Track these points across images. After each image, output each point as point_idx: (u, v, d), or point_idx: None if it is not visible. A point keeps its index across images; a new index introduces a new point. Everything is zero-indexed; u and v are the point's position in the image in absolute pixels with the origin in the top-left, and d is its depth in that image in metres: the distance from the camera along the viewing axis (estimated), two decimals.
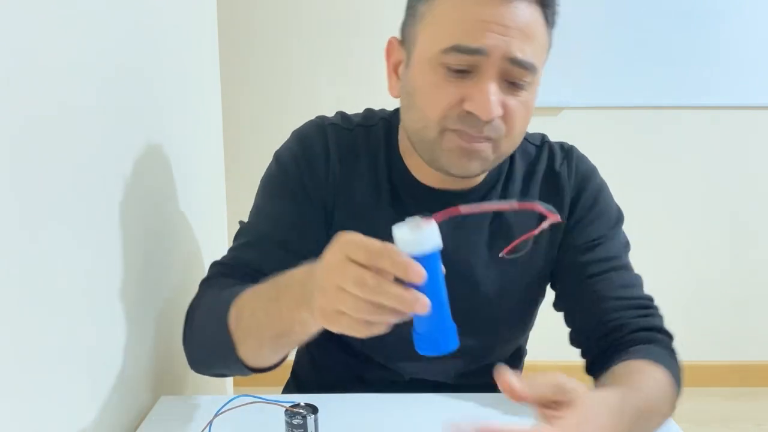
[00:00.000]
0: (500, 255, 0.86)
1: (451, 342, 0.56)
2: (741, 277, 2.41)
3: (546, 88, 0.92)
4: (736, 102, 2.29)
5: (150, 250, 1.00)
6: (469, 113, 0.75)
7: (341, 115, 0.93)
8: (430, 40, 0.77)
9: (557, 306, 0.94)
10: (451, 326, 0.56)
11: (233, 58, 2.11)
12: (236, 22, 2.16)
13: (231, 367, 0.77)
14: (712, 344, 2.46)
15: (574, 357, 0.95)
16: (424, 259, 0.54)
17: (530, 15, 0.75)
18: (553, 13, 0.79)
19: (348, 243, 0.57)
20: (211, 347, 0.79)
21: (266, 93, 2.24)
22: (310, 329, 0.67)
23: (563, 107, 2.27)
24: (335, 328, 0.59)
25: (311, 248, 0.84)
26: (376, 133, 0.91)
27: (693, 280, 2.41)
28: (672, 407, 0.80)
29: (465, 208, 0.61)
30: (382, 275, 0.54)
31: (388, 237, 0.86)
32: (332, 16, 2.21)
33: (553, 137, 0.96)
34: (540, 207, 0.66)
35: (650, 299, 0.89)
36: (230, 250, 0.90)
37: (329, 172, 0.88)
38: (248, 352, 0.75)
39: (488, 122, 0.75)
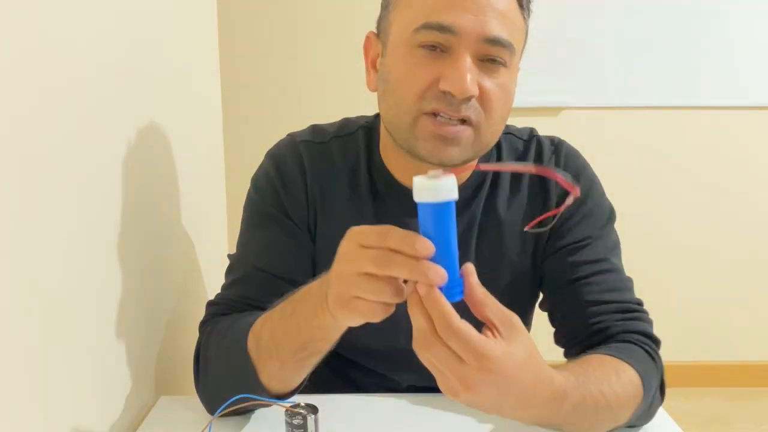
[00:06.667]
0: (525, 229, 0.86)
1: (456, 294, 0.57)
2: (741, 276, 2.41)
3: (546, 88, 0.92)
4: (736, 102, 2.29)
5: (150, 251, 1.00)
6: (444, 92, 0.74)
7: (313, 129, 0.92)
8: (403, 23, 0.77)
9: (542, 306, 0.92)
10: (458, 280, 0.58)
11: (233, 58, 2.11)
12: (236, 22, 2.16)
13: (253, 396, 0.75)
14: (712, 344, 2.46)
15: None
16: (438, 208, 0.55)
17: None
18: (528, 1, 0.79)
19: (358, 233, 0.61)
20: (232, 381, 0.77)
21: (266, 93, 2.24)
22: (329, 334, 0.69)
23: (563, 107, 2.26)
24: (353, 314, 0.61)
25: (302, 271, 0.87)
26: (354, 141, 0.90)
27: (693, 280, 2.41)
28: (632, 410, 0.75)
29: (484, 166, 0.83)
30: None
31: None
32: (333, 15, 2.20)
33: None
34: (559, 177, 0.66)
35: (638, 303, 0.87)
36: (223, 288, 0.90)
37: (307, 191, 0.87)
38: (271, 376, 0.75)
39: (465, 101, 0.74)
